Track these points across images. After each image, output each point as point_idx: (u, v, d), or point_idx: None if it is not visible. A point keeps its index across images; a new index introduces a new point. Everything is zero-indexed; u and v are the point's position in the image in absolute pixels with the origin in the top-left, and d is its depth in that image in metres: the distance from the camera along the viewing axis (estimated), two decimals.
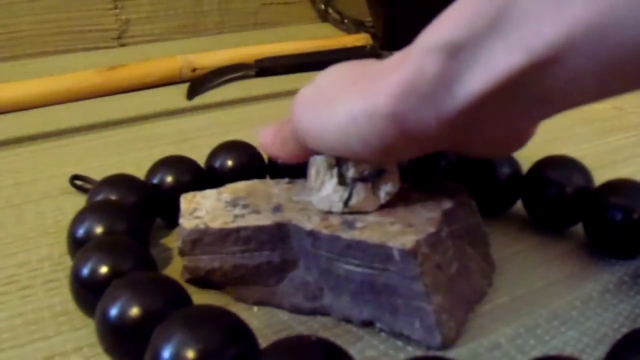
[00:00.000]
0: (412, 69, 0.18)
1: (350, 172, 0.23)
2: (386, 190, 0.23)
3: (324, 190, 0.23)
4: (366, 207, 0.23)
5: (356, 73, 0.21)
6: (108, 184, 0.28)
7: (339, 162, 0.23)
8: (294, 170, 0.30)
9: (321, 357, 0.16)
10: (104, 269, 0.21)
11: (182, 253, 0.24)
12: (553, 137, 0.40)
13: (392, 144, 0.19)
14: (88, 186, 0.33)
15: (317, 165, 0.23)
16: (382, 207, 0.23)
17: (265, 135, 0.25)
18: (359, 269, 0.21)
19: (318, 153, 0.23)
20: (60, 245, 0.27)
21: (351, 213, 0.23)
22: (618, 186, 0.26)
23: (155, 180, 0.29)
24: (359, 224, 0.22)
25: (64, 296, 0.24)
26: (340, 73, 0.22)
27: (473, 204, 0.24)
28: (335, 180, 0.23)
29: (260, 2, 0.75)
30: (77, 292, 0.22)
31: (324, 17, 0.78)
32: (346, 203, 0.23)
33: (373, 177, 0.23)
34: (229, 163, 0.30)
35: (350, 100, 0.19)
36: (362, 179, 0.23)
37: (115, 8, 0.67)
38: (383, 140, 0.19)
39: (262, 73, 0.56)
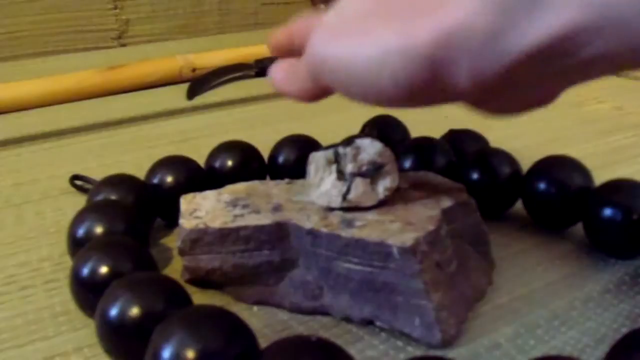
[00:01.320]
0: (459, 15, 0.17)
1: (349, 168, 0.23)
2: (385, 185, 0.23)
3: (323, 185, 0.23)
4: (365, 202, 0.23)
5: (390, 2, 0.19)
6: (108, 184, 0.28)
7: (337, 158, 0.23)
8: (294, 170, 0.30)
9: (321, 357, 0.16)
10: (104, 269, 0.21)
11: (182, 253, 0.24)
12: (553, 137, 0.40)
13: (420, 86, 0.18)
14: (88, 186, 0.33)
15: (316, 161, 0.23)
16: (381, 206, 0.23)
17: (276, 71, 0.24)
18: (358, 267, 0.21)
19: (330, 89, 0.21)
20: (60, 245, 0.27)
21: (350, 209, 0.23)
22: (618, 186, 0.26)
23: (155, 180, 0.29)
24: (358, 223, 0.22)
25: (64, 296, 0.24)
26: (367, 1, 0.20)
27: (473, 203, 0.24)
28: (334, 175, 0.23)
29: (260, 2, 0.75)
30: (77, 292, 0.22)
31: None
32: (344, 197, 0.23)
33: (371, 172, 0.23)
34: (229, 163, 0.30)
35: (386, 33, 0.18)
36: (360, 174, 0.23)
37: (115, 8, 0.67)
38: (412, 81, 0.18)
39: (262, 73, 0.56)
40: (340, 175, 0.23)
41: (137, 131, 0.44)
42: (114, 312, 0.19)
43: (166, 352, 0.17)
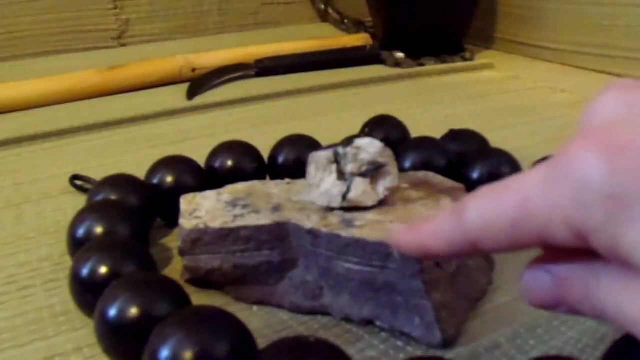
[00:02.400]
0: None
1: (349, 167, 0.23)
2: (385, 184, 0.23)
3: (323, 185, 0.23)
4: (365, 202, 0.23)
5: None
6: (108, 184, 0.28)
7: (337, 158, 0.23)
8: (294, 170, 0.30)
9: (319, 358, 0.16)
10: (103, 269, 0.21)
11: (182, 253, 0.24)
12: (553, 137, 0.40)
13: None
14: (88, 186, 0.33)
15: (316, 161, 0.23)
16: (381, 206, 0.23)
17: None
18: (358, 267, 0.21)
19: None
20: (60, 245, 0.27)
21: (350, 209, 0.23)
22: None
23: (155, 181, 0.29)
24: (358, 223, 0.22)
25: (64, 296, 0.24)
26: None
27: None
28: (334, 175, 0.23)
29: (260, 2, 0.75)
30: (76, 292, 0.22)
31: (324, 17, 0.78)
32: (344, 197, 0.23)
33: (371, 172, 0.23)
34: (229, 163, 0.30)
35: None
36: (360, 174, 0.23)
37: (115, 8, 0.67)
38: None
39: (262, 73, 0.56)
40: (340, 175, 0.23)
41: (137, 131, 0.44)
42: (112, 312, 0.19)
43: (164, 353, 0.17)
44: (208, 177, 0.30)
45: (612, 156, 0.13)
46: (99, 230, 0.24)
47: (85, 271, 0.21)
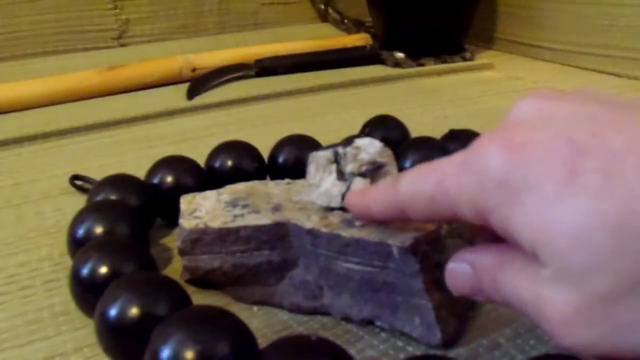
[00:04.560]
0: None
1: (349, 167, 0.23)
2: None
3: (323, 185, 0.23)
4: None
5: None
6: (108, 184, 0.28)
7: (337, 157, 0.23)
8: (294, 170, 0.30)
9: (321, 357, 0.16)
10: (103, 269, 0.21)
11: (182, 253, 0.24)
12: None
13: None
14: (88, 186, 0.33)
15: (316, 161, 0.23)
16: None
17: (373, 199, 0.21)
18: (358, 267, 0.21)
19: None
20: (60, 245, 0.27)
21: None
22: None
23: (155, 181, 0.29)
24: (358, 222, 0.22)
25: (64, 296, 0.24)
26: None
27: None
28: (334, 175, 0.23)
29: (260, 2, 0.75)
30: (77, 292, 0.22)
31: (324, 17, 0.78)
32: (344, 197, 0.23)
33: (371, 172, 0.23)
34: (229, 163, 0.30)
35: None
36: (360, 174, 0.23)
37: (115, 8, 0.67)
38: None
39: (262, 73, 0.56)
40: (340, 175, 0.23)
41: (137, 131, 0.44)
42: (113, 312, 0.19)
43: (165, 353, 0.17)
44: (208, 177, 0.30)
45: (510, 150, 0.15)
46: (99, 230, 0.24)
47: (85, 271, 0.21)
